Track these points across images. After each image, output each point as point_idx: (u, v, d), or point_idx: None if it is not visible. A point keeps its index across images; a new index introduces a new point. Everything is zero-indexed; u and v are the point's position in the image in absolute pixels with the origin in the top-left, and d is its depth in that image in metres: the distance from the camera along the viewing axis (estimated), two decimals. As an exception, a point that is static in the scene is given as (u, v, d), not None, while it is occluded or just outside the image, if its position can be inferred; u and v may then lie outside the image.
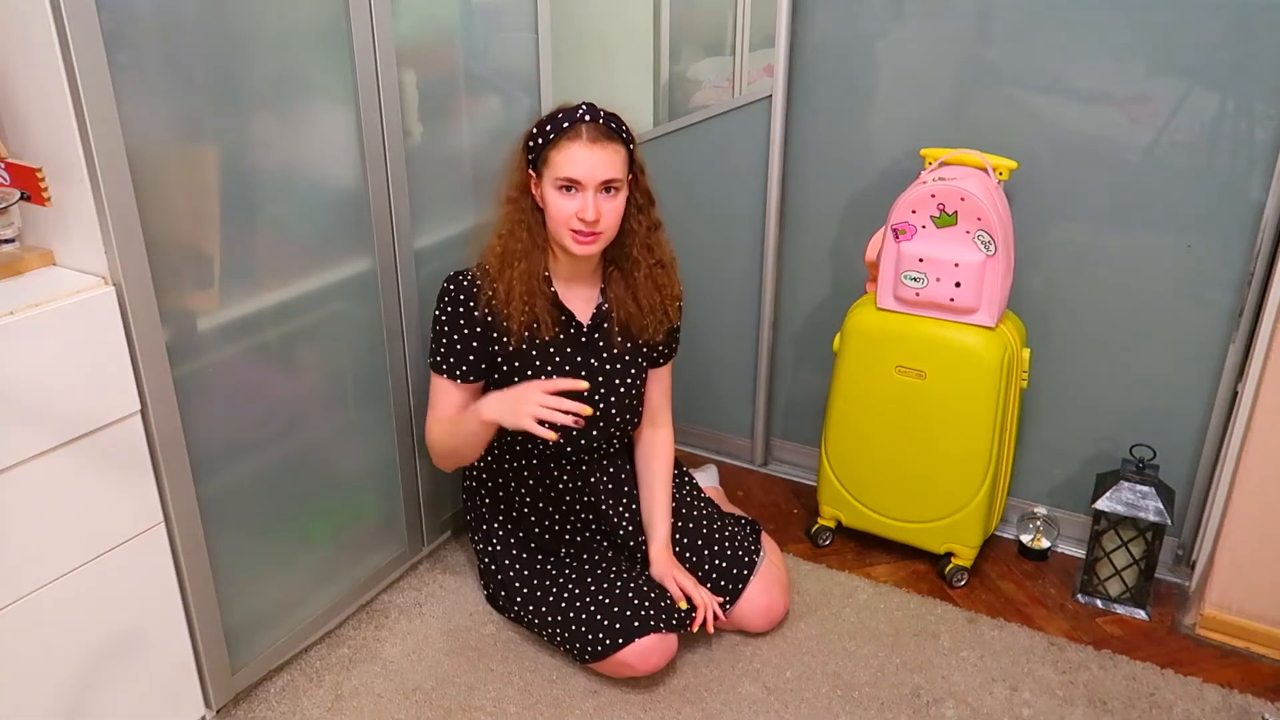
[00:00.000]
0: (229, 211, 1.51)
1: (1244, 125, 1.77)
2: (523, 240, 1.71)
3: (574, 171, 1.62)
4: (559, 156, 1.63)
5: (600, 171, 1.63)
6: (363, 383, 1.84)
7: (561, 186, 1.64)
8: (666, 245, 1.82)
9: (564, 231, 1.66)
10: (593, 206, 1.63)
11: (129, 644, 1.48)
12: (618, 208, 1.68)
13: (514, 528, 1.88)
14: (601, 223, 1.65)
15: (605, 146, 1.63)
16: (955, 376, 1.89)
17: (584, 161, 1.62)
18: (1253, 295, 1.83)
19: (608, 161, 1.63)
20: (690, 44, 2.44)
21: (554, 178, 1.64)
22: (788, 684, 1.77)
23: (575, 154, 1.62)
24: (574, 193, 1.64)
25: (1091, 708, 1.72)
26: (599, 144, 1.63)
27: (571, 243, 1.66)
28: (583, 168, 1.62)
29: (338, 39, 1.61)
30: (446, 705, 1.72)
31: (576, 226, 1.64)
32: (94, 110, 1.25)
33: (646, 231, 1.77)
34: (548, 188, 1.66)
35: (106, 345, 1.35)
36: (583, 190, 1.63)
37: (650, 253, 1.79)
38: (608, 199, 1.65)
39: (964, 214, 1.80)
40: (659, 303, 1.81)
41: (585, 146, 1.62)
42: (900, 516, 2.05)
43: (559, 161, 1.63)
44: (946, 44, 1.97)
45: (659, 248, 1.80)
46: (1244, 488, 1.80)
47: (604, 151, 1.63)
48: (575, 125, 1.64)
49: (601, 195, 1.64)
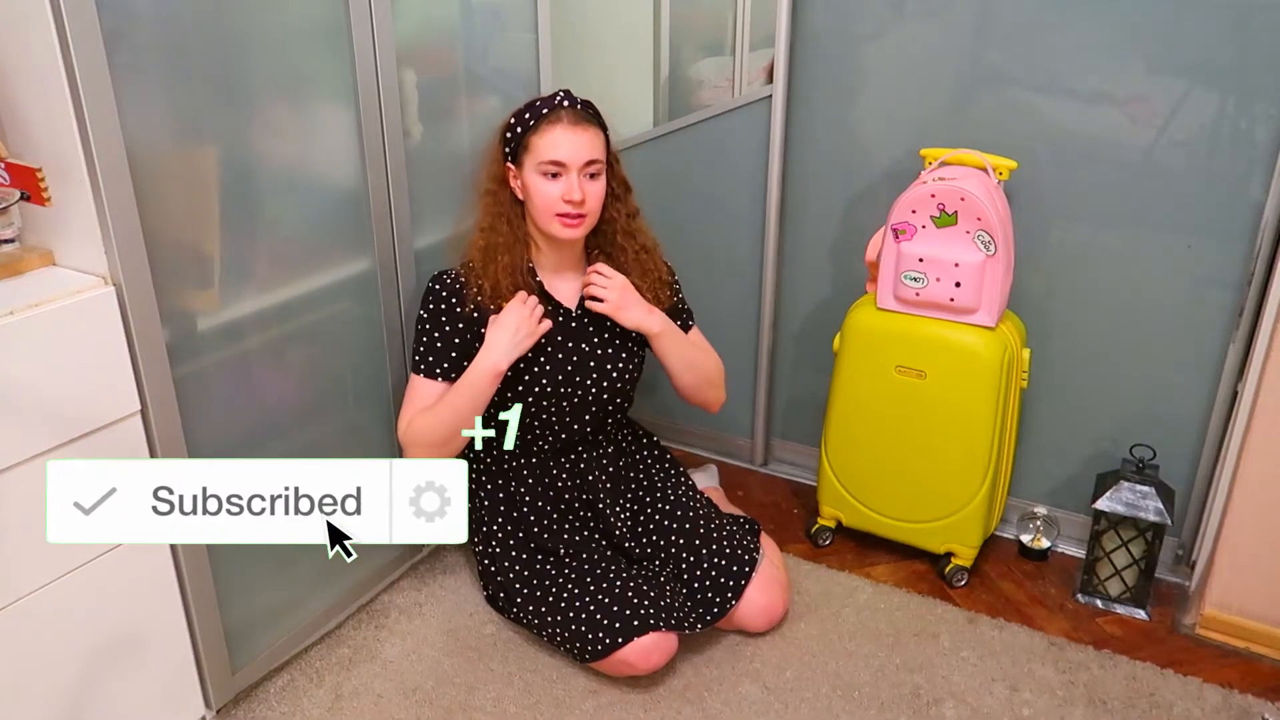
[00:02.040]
0: (229, 211, 1.51)
1: (1244, 125, 1.77)
2: (503, 233, 1.74)
3: (558, 153, 1.65)
4: (541, 141, 1.66)
5: (584, 152, 1.66)
6: (362, 382, 1.84)
7: (545, 172, 1.67)
8: (647, 231, 1.86)
9: (549, 217, 1.69)
10: (578, 187, 1.66)
11: (129, 644, 1.48)
12: (600, 190, 1.72)
13: (513, 528, 1.88)
14: (587, 204, 1.69)
15: (586, 129, 1.68)
16: (955, 376, 1.89)
17: (567, 143, 1.65)
18: (1253, 295, 1.82)
19: (589, 143, 1.67)
20: (690, 44, 2.44)
21: (537, 162, 1.67)
22: (788, 684, 1.77)
23: (558, 137, 1.66)
24: (558, 177, 1.67)
25: (1091, 708, 1.72)
26: (580, 126, 1.67)
27: (559, 227, 1.69)
28: (566, 149, 1.65)
29: (338, 39, 1.61)
30: (446, 705, 1.72)
31: (563, 210, 1.67)
32: (94, 110, 1.25)
33: (626, 219, 1.81)
34: (530, 175, 1.69)
35: (106, 345, 1.35)
36: (567, 173, 1.66)
37: (633, 239, 1.82)
38: (591, 182, 1.69)
39: (964, 214, 1.80)
40: (648, 287, 1.84)
41: (567, 129, 1.66)
42: (900, 516, 2.05)
43: (542, 146, 1.66)
44: (946, 44, 1.96)
45: (640, 234, 1.84)
46: (1244, 488, 1.80)
47: (585, 134, 1.67)
48: (555, 110, 1.68)
49: (585, 178, 1.68)
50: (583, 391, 1.82)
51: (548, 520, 1.87)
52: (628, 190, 1.82)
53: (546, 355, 1.79)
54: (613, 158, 1.77)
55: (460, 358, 1.77)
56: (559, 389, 1.80)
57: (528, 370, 1.78)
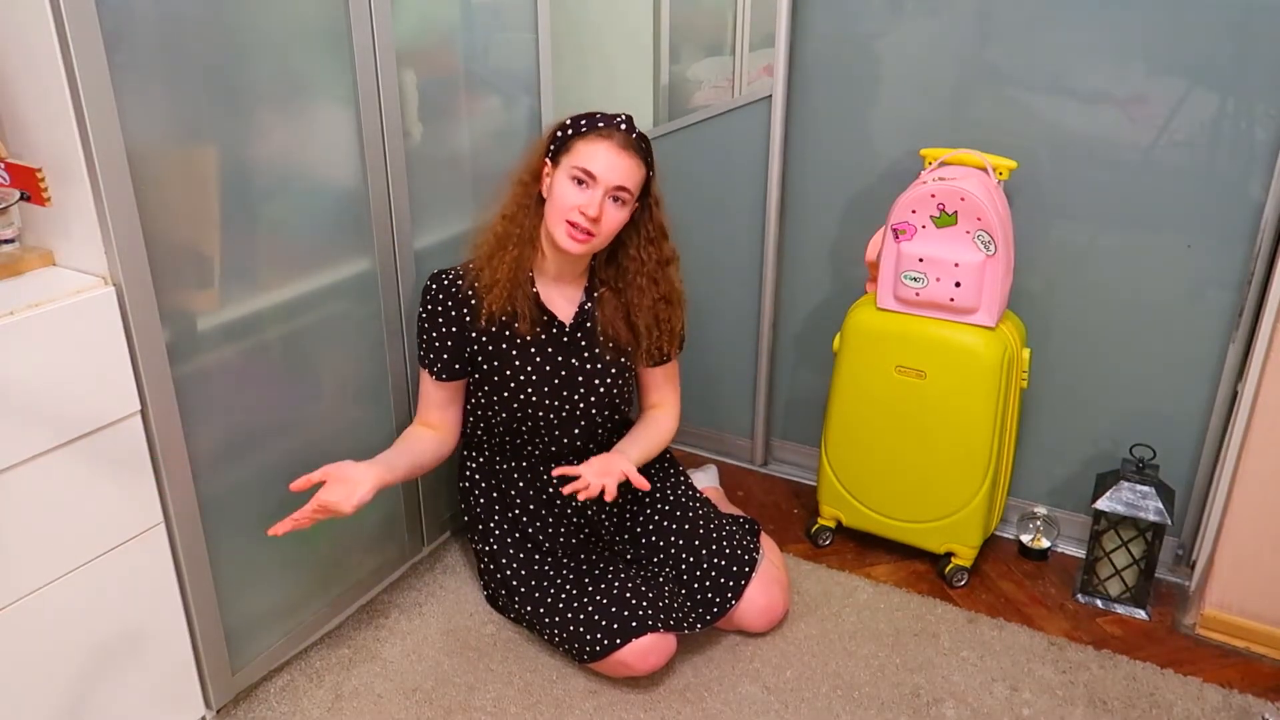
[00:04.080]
0: (229, 211, 1.51)
1: (1244, 125, 1.77)
2: (521, 225, 1.74)
3: (594, 165, 1.65)
4: (585, 147, 1.66)
5: (617, 175, 1.66)
6: (362, 383, 1.84)
7: (575, 177, 1.66)
8: (677, 284, 1.83)
9: (559, 221, 1.68)
10: (598, 204, 1.65)
11: (129, 644, 1.48)
12: (619, 219, 1.70)
13: (510, 527, 1.88)
14: (600, 224, 1.67)
15: (631, 157, 1.67)
16: (955, 376, 1.89)
17: (606, 160, 1.65)
18: (1253, 295, 1.82)
19: (627, 170, 1.67)
20: (690, 44, 2.44)
21: (572, 165, 1.67)
22: (788, 684, 1.77)
23: (601, 150, 1.66)
24: (585, 187, 1.66)
25: (1091, 707, 1.72)
26: (626, 152, 1.67)
27: (564, 235, 1.68)
28: (603, 164, 1.65)
29: (338, 39, 1.62)
30: (446, 705, 1.72)
31: (575, 219, 1.66)
32: (94, 110, 1.26)
33: (655, 265, 1.79)
34: (561, 175, 1.68)
35: (106, 345, 1.35)
36: (594, 187, 1.65)
37: (656, 286, 1.80)
38: (614, 206, 1.68)
39: (964, 214, 1.80)
40: (656, 337, 1.83)
41: (613, 149, 1.66)
42: (900, 516, 2.05)
43: (583, 152, 1.66)
44: (946, 44, 1.97)
45: (666, 284, 1.81)
46: (1244, 488, 1.80)
47: (628, 161, 1.67)
48: (611, 127, 1.68)
49: (608, 200, 1.66)
50: (570, 405, 1.82)
51: (541, 521, 1.87)
52: (664, 236, 1.80)
53: (534, 365, 1.78)
54: (653, 200, 1.76)
55: (451, 359, 1.78)
56: (546, 400, 1.80)
57: (514, 379, 1.78)
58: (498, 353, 1.78)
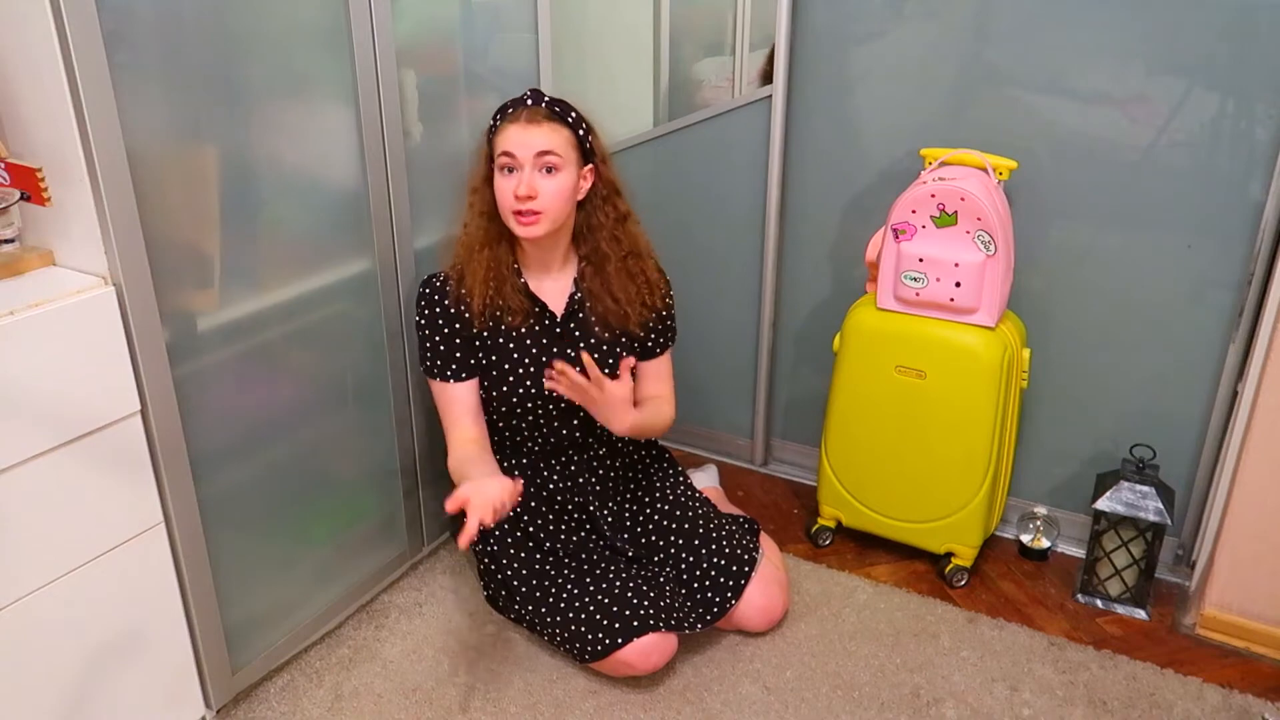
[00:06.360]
0: (229, 211, 1.51)
1: (1244, 125, 1.77)
2: (484, 229, 1.74)
3: (509, 146, 1.66)
4: (500, 136, 1.68)
5: (535, 145, 1.65)
6: (362, 383, 1.84)
7: (502, 166, 1.68)
8: (639, 236, 1.83)
9: (508, 215, 1.69)
10: (526, 182, 1.65)
11: (129, 644, 1.48)
12: (559, 188, 1.68)
13: (510, 527, 1.88)
14: (539, 201, 1.66)
15: (542, 125, 1.67)
16: (955, 376, 1.89)
17: (517, 137, 1.66)
18: (1253, 295, 1.82)
19: (543, 136, 1.66)
20: (690, 44, 2.44)
21: (496, 156, 1.68)
22: (788, 684, 1.77)
23: (511, 132, 1.67)
24: (513, 172, 1.67)
25: (1091, 708, 1.72)
26: (535, 123, 1.67)
27: (516, 226, 1.69)
28: (515, 141, 1.66)
29: (338, 39, 1.62)
30: (446, 705, 1.72)
31: (516, 206, 1.66)
32: (94, 110, 1.26)
33: (614, 224, 1.79)
34: (495, 172, 1.70)
35: (106, 345, 1.35)
36: (519, 167, 1.66)
37: (619, 244, 1.80)
38: (546, 178, 1.67)
39: (964, 214, 1.80)
40: (635, 293, 1.81)
41: (521, 126, 1.66)
42: (900, 516, 2.05)
43: (499, 140, 1.68)
44: (946, 44, 1.97)
45: (629, 239, 1.81)
46: (1244, 488, 1.80)
47: (540, 129, 1.66)
48: (517, 109, 1.69)
49: (539, 174, 1.66)
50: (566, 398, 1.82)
51: (542, 520, 1.87)
52: (617, 193, 1.79)
53: (530, 357, 1.79)
54: (598, 159, 1.75)
55: (466, 356, 1.78)
56: (542, 393, 1.79)
57: (512, 373, 1.78)
58: (495, 347, 1.78)
